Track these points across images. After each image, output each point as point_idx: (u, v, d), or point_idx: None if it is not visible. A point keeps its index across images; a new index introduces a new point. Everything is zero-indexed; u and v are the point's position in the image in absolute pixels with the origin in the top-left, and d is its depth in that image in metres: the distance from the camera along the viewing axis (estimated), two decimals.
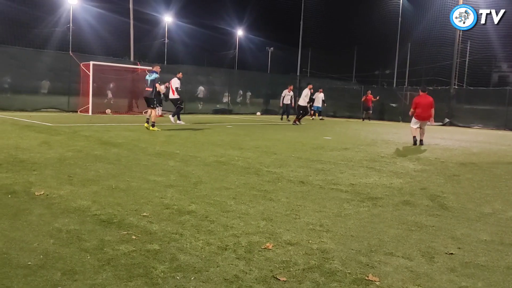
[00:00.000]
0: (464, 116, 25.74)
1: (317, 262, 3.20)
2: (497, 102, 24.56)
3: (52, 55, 23.30)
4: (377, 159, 8.96)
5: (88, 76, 20.48)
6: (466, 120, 25.35)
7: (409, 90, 31.68)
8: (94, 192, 5.00)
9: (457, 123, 25.39)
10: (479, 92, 27.62)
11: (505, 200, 5.61)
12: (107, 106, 21.79)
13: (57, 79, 22.21)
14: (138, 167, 6.78)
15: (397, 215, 4.62)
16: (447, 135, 17.16)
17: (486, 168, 8.44)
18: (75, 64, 21.30)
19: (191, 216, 4.22)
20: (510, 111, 23.43)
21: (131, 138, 10.76)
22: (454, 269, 3.18)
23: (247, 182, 5.97)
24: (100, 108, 21.17)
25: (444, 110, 26.30)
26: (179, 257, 3.17)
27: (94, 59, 21.74)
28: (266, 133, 14.65)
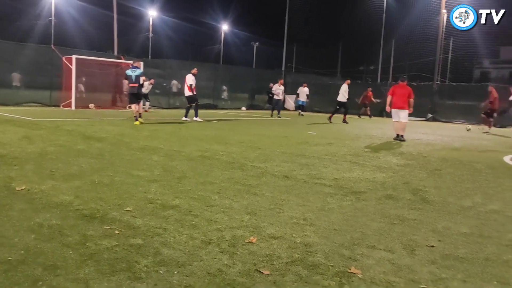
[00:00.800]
0: (447, 111, 26.08)
1: (300, 255, 3.22)
2: (478, 98, 24.89)
3: (33, 48, 22.92)
4: (360, 153, 9.04)
5: (70, 70, 20.22)
6: (448, 115, 25.69)
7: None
8: (77, 187, 4.95)
9: (440, 118, 25.72)
10: (461, 88, 28.02)
11: (484, 194, 5.71)
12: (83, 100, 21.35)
13: (39, 73, 21.88)
14: (121, 161, 6.72)
15: (380, 209, 4.67)
16: (429, 130, 17.38)
17: (467, 162, 8.58)
18: (57, 57, 21.01)
19: (175, 210, 4.21)
20: None
21: (115, 132, 10.67)
22: (434, 261, 3.24)
23: (232, 176, 5.97)
24: (84, 102, 20.93)
25: (427, 106, 26.63)
26: (162, 251, 3.16)
27: (77, 53, 21.47)
28: (251, 128, 14.66)
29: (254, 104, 31.05)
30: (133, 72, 13.63)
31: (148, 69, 24.80)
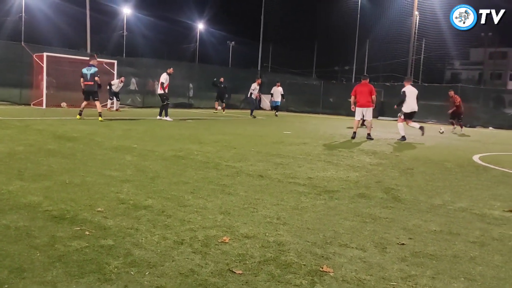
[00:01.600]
0: (419, 111, 26.40)
1: (273, 254, 3.22)
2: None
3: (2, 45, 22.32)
4: (334, 153, 9.13)
5: (41, 68, 19.75)
6: (421, 115, 26.06)
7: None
8: (46, 187, 4.84)
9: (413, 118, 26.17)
10: (433, 88, 28.65)
11: (454, 192, 5.84)
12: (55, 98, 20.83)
13: (8, 71, 21.28)
14: (93, 161, 6.61)
15: (353, 208, 4.72)
16: None
17: (438, 161, 8.76)
18: (27, 55, 20.50)
19: (147, 211, 4.16)
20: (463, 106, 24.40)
21: (87, 132, 10.48)
22: (404, 258, 3.29)
23: (206, 176, 5.94)
24: (55, 101, 20.48)
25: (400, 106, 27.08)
26: (133, 252, 3.12)
27: (48, 50, 20.99)
28: (226, 127, 14.63)
29: (230, 103, 30.96)
30: (88, 71, 13.93)
31: (122, 67, 24.47)
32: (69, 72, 21.76)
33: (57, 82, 21.45)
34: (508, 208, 5.06)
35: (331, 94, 31.25)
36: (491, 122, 23.89)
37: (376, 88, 14.55)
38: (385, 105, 28.80)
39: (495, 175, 7.43)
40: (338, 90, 32.43)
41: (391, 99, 28.58)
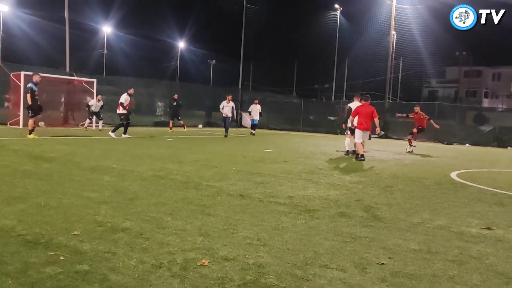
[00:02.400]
0: (398, 129, 27.00)
1: (252, 277, 3.18)
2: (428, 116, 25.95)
3: None
4: (315, 171, 9.16)
5: (19, 87, 19.46)
6: (399, 132, 26.58)
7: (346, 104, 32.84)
8: (21, 210, 4.72)
9: (392, 136, 26.58)
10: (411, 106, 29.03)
11: (432, 210, 5.90)
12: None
13: None
14: (71, 183, 6.48)
15: (333, 227, 4.72)
16: (382, 147, 17.90)
17: (417, 179, 8.86)
18: (4, 74, 20.20)
19: (125, 233, 4.08)
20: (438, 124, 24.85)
21: (65, 152, 10.31)
22: (384, 279, 3.29)
23: (185, 196, 5.88)
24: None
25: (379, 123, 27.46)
26: (110, 277, 3.04)
27: (26, 69, 20.68)
28: (207, 146, 14.58)
29: (211, 121, 30.98)
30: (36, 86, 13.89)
31: (102, 86, 24.29)
32: (48, 91, 21.52)
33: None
34: (485, 225, 5.13)
35: (311, 112, 31.52)
36: (467, 139, 24.37)
37: None
38: None
39: (472, 192, 7.54)
40: (318, 108, 32.76)
41: None
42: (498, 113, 27.77)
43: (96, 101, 19.77)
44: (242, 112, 32.45)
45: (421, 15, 33.43)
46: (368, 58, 42.80)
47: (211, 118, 31.51)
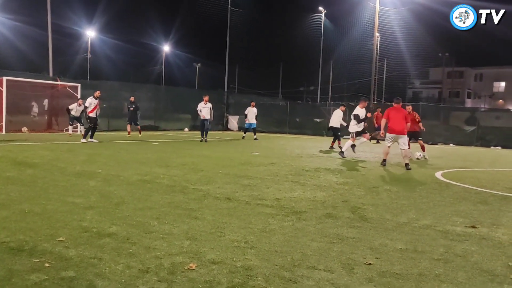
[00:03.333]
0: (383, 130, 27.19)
1: (240, 280, 3.18)
2: None
3: None
4: (301, 173, 9.18)
5: (1, 92, 19.19)
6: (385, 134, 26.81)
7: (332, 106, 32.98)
8: (4, 217, 4.64)
9: (377, 137, 26.76)
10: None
11: (418, 209, 5.96)
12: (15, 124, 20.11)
13: None
14: (55, 188, 6.40)
15: (320, 228, 4.73)
16: (367, 149, 18.02)
17: (403, 179, 8.94)
18: None
19: (112, 238, 4.04)
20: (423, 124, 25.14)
21: (49, 157, 10.18)
22: (372, 279, 3.31)
23: (172, 200, 5.85)
24: (16, 126, 19.88)
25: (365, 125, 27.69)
26: (96, 283, 3.01)
27: (8, 74, 20.42)
28: (193, 149, 14.52)
29: (197, 125, 30.82)
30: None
31: (86, 91, 24.03)
32: (31, 97, 21.28)
33: (18, 107, 20.82)
34: (470, 224, 5.19)
35: (297, 114, 31.62)
36: (451, 139, 24.68)
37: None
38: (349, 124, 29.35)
39: (457, 191, 7.63)
40: (304, 110, 32.88)
41: None
42: (481, 113, 28.17)
43: (77, 106, 18.98)
44: (229, 116, 32.42)
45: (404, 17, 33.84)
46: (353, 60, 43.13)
47: (197, 121, 31.37)
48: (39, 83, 21.86)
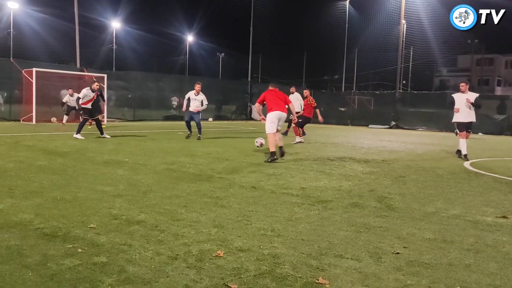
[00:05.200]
0: (409, 119, 26.83)
1: (268, 267, 3.20)
2: (438, 105, 25.75)
3: None
4: (327, 162, 9.14)
5: (31, 83, 19.65)
6: (411, 122, 26.42)
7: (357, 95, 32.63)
8: (38, 204, 4.78)
9: (403, 126, 26.40)
10: (422, 95, 28.92)
11: (447, 199, 5.87)
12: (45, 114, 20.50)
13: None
14: (85, 177, 6.55)
15: (346, 217, 4.72)
16: (393, 138, 17.79)
17: (430, 168, 8.80)
18: (16, 71, 20.38)
19: (140, 226, 4.12)
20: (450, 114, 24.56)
21: (78, 147, 10.41)
22: (400, 268, 3.29)
23: (199, 189, 5.91)
24: (45, 116, 20.36)
25: (390, 114, 27.33)
26: (127, 268, 3.08)
27: (37, 66, 20.90)
28: (218, 139, 14.61)
29: (221, 115, 31.04)
30: None
31: (112, 81, 24.43)
32: (59, 87, 21.71)
33: (47, 97, 21.30)
34: (501, 214, 5.09)
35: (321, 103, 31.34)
36: (480, 128, 24.10)
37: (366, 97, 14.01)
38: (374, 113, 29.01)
39: (487, 181, 7.48)
40: (329, 99, 32.57)
41: (381, 107, 28.82)
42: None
43: (69, 95, 18.43)
44: (252, 105, 32.43)
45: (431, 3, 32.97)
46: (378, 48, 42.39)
47: (221, 111, 31.56)
48: (67, 74, 22.26)
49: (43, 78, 20.34)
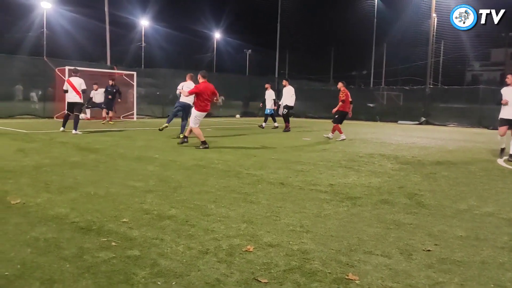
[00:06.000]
0: (440, 114, 26.26)
1: (297, 263, 3.22)
2: (471, 101, 25.13)
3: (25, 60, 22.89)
4: (355, 159, 9.07)
5: (63, 81, 20.12)
6: (441, 118, 25.86)
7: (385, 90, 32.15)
8: (72, 199, 4.94)
9: (433, 122, 25.86)
10: (453, 91, 28.24)
11: (479, 196, 5.75)
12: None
13: (31, 85, 21.82)
14: (116, 172, 6.71)
15: (376, 214, 4.69)
16: (423, 134, 17.47)
17: (461, 165, 8.63)
18: (50, 69, 20.95)
19: (171, 220, 4.20)
20: (483, 109, 23.94)
21: (109, 143, 10.65)
22: (431, 265, 3.25)
23: (227, 185, 5.97)
24: None
25: (420, 109, 26.82)
26: (160, 262, 3.16)
27: (69, 64, 21.39)
28: (245, 135, 14.68)
29: (248, 111, 31.11)
30: None
31: (141, 78, 24.81)
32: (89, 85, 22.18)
33: None
34: None
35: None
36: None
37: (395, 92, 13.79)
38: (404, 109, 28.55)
39: None
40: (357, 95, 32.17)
41: (410, 103, 28.34)
42: None
43: (94, 91, 18.60)
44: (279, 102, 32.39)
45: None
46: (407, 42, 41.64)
47: (248, 107, 31.63)
48: (98, 72, 22.73)
49: None
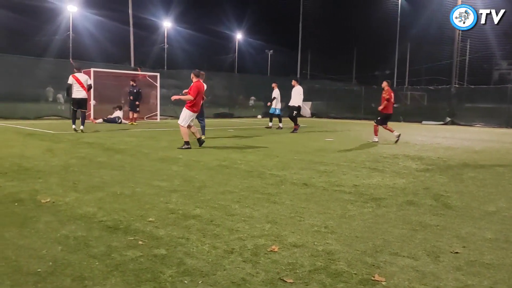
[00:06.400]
0: (466, 114, 25.75)
1: (323, 263, 3.22)
2: (498, 100, 24.57)
3: (52, 62, 23.44)
4: (379, 159, 8.98)
5: None
6: (467, 118, 25.35)
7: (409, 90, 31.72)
8: (99, 198, 5.04)
9: (459, 122, 25.38)
10: (480, 90, 27.64)
11: (508, 198, 5.62)
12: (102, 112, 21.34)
13: (58, 87, 22.31)
14: (142, 172, 6.81)
15: (401, 215, 4.64)
16: (449, 134, 17.17)
17: (489, 166, 8.45)
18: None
19: (197, 220, 4.24)
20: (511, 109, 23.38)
21: (134, 144, 10.81)
22: (459, 268, 3.20)
23: (251, 185, 6.00)
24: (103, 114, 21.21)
25: (445, 109, 26.36)
26: (186, 261, 3.20)
27: (94, 66, 21.81)
28: (267, 135, 14.69)
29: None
30: None
31: (164, 80, 25.09)
32: (114, 86, 22.57)
33: (104, 96, 22.20)
34: None
35: (372, 99, 30.70)
36: None
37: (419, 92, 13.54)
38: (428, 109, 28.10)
39: None
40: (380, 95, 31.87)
41: (435, 103, 27.88)
42: None
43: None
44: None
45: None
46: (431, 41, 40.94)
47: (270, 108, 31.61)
48: (122, 73, 23.09)
49: (100, 78, 21.20)
